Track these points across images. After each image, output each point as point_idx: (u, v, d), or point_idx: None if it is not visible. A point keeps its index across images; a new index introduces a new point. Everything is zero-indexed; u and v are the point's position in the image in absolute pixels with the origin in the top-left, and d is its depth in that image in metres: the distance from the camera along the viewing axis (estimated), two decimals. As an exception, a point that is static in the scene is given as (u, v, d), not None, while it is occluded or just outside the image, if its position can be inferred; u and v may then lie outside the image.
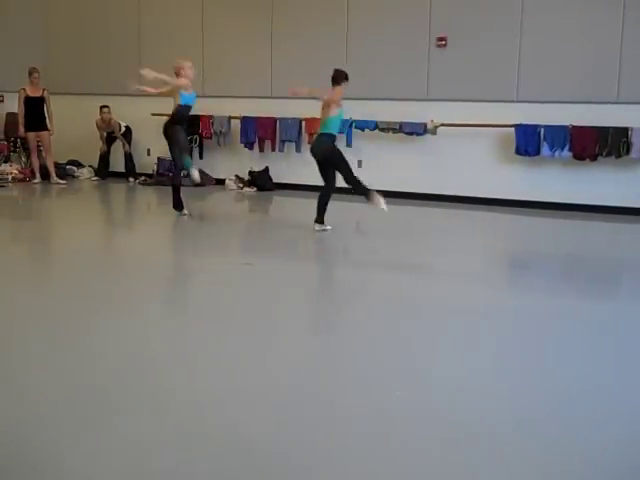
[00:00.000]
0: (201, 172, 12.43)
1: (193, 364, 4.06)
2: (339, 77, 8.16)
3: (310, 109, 11.32)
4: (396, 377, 3.93)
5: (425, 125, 10.96)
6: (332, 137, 8.20)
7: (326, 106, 8.16)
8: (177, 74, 8.84)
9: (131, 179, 12.76)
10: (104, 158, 13.00)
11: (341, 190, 10.92)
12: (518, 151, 10.47)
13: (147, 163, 12.82)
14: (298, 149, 11.75)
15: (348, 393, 3.71)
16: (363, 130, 11.34)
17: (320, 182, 8.36)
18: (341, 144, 11.37)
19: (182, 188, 9.35)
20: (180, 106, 8.83)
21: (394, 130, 11.17)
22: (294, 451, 3.08)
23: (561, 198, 10.43)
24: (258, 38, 11.98)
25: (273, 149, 12.07)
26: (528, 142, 10.37)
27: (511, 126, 10.45)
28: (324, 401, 3.60)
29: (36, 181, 12.21)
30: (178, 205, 9.15)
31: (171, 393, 3.63)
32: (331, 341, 4.60)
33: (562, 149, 10.25)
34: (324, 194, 8.30)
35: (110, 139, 12.93)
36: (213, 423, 3.30)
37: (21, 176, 12.30)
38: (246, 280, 6.09)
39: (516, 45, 10.43)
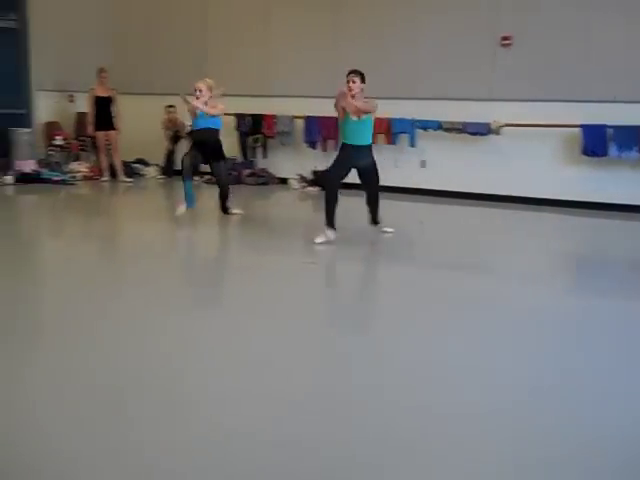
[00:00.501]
0: (264, 170, 12.57)
1: (231, 362, 4.11)
2: None
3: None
4: (456, 376, 3.93)
5: (489, 125, 10.87)
6: (343, 146, 7.68)
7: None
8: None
9: (196, 178, 12.93)
10: (170, 157, 13.22)
11: (405, 190, 10.92)
12: (585, 152, 10.29)
13: (211, 162, 12.97)
14: (361, 149, 11.74)
15: (409, 393, 3.72)
16: (426, 130, 11.29)
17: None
18: (404, 144, 11.40)
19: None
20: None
21: (458, 130, 11.10)
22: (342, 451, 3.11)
23: (629, 200, 10.22)
24: (322, 37, 12.04)
25: (336, 149, 12.08)
26: (595, 142, 10.19)
27: (578, 126, 10.29)
28: (382, 401, 3.63)
29: (104, 179, 12.48)
30: (225, 209, 9.08)
31: (187, 395, 3.67)
32: (387, 340, 4.61)
33: (630, 149, 10.05)
34: (369, 196, 7.95)
35: (176, 138, 13.14)
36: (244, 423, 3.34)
37: (90, 174, 12.58)
38: (308, 279, 6.13)
39: (582, 43, 10.27)
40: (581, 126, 10.26)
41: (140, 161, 13.46)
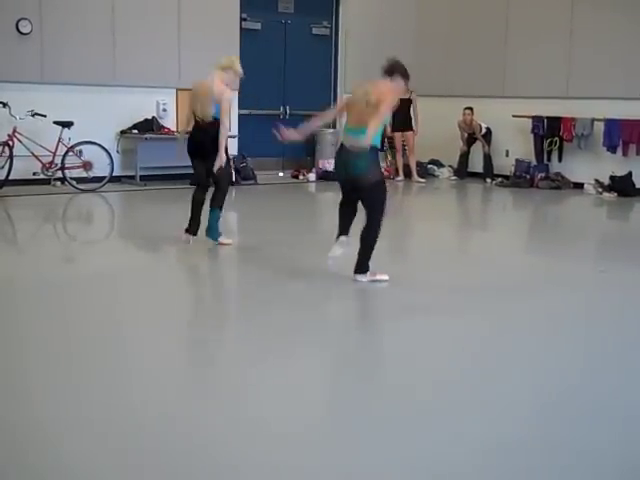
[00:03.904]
0: (558, 175, 12.27)
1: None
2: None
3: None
4: None
5: None
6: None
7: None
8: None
9: (488, 180, 12.94)
10: (463, 158, 13.34)
11: None
12: None
13: (505, 164, 12.89)
14: (664, 154, 11.09)
15: None
16: None
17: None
18: None
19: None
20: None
21: None
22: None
23: None
24: (626, 36, 11.42)
25: (638, 153, 11.51)
26: None
27: None
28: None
29: (399, 179, 12.92)
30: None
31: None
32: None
33: None
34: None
35: (470, 140, 13.22)
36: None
37: (386, 174, 13.05)
38: (598, 287, 6.02)
39: None
40: None
41: (434, 162, 13.73)
